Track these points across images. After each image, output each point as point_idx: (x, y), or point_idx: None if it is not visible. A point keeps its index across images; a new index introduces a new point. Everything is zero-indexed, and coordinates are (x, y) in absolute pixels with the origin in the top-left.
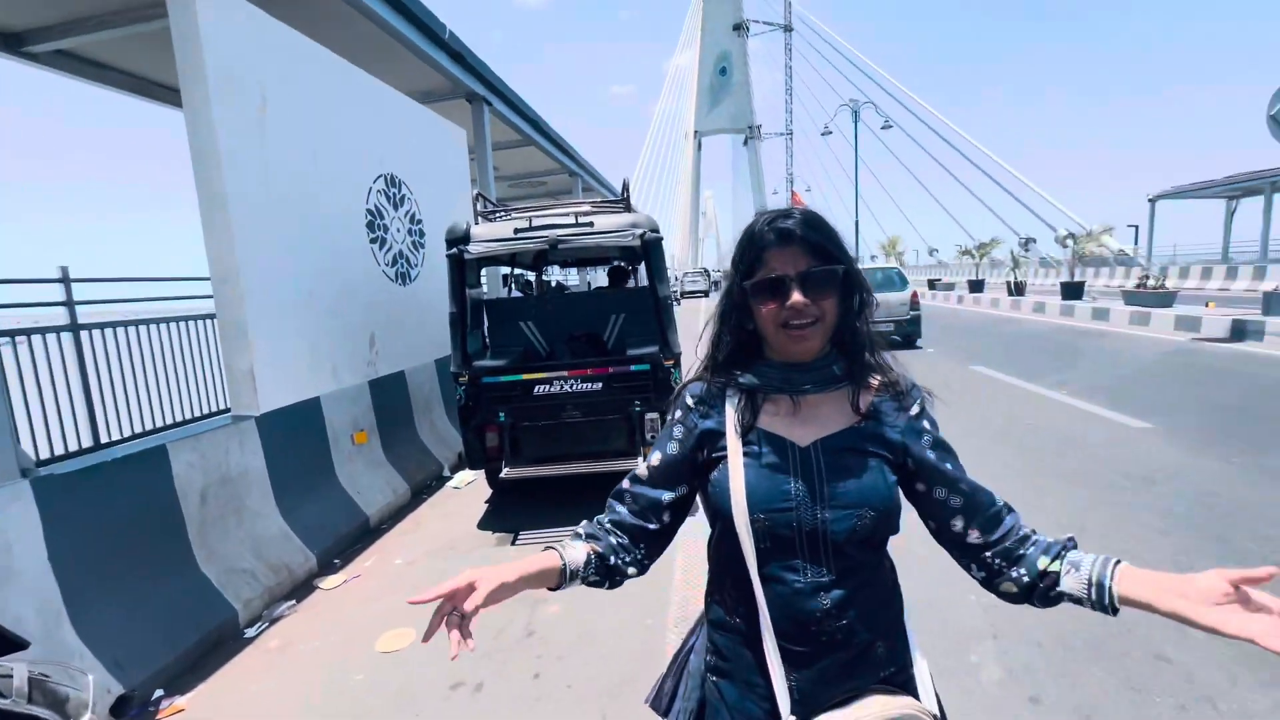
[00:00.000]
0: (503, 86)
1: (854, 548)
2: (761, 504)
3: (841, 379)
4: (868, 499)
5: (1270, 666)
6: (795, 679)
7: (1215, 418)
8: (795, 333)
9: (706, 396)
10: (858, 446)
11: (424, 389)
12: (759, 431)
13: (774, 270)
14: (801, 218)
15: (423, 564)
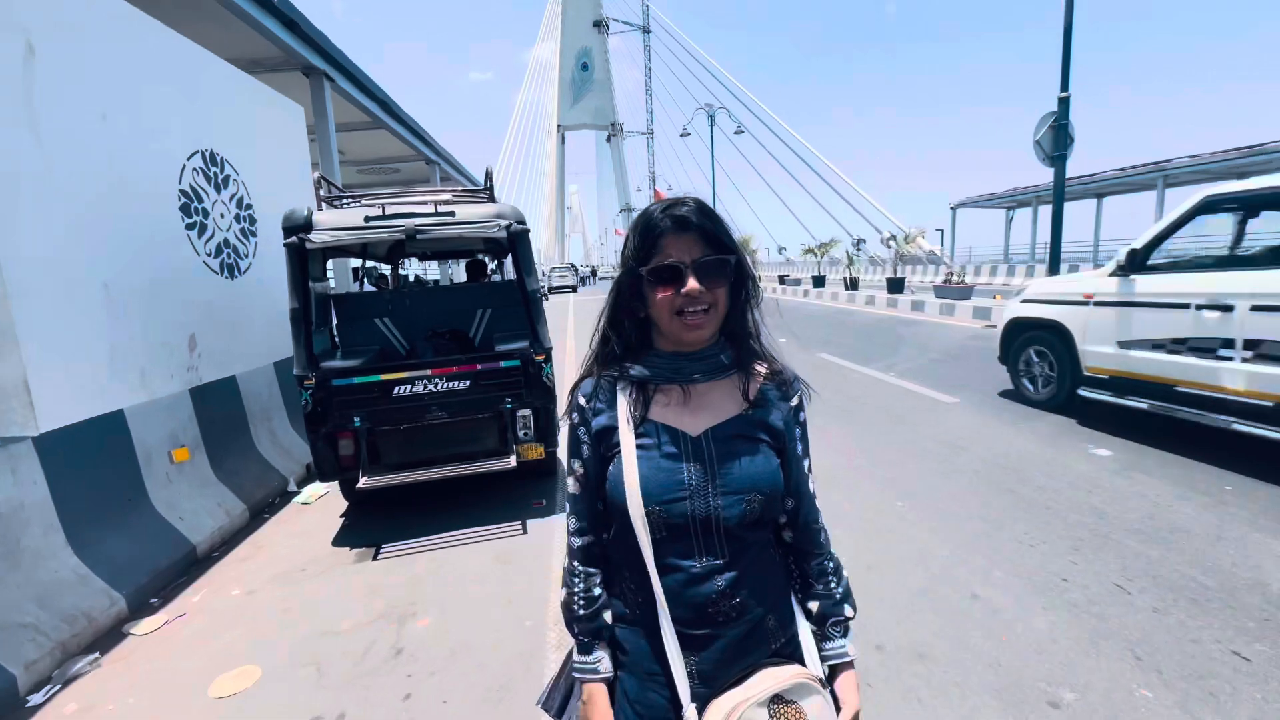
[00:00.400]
0: (346, 61)
1: (744, 530)
2: (656, 495)
3: (729, 367)
4: (756, 483)
5: (1049, 593)
6: (695, 662)
7: (1004, 391)
8: (690, 319)
9: (597, 392)
10: (746, 433)
11: (261, 395)
12: (651, 423)
13: (670, 257)
14: (696, 206)
15: (267, 592)
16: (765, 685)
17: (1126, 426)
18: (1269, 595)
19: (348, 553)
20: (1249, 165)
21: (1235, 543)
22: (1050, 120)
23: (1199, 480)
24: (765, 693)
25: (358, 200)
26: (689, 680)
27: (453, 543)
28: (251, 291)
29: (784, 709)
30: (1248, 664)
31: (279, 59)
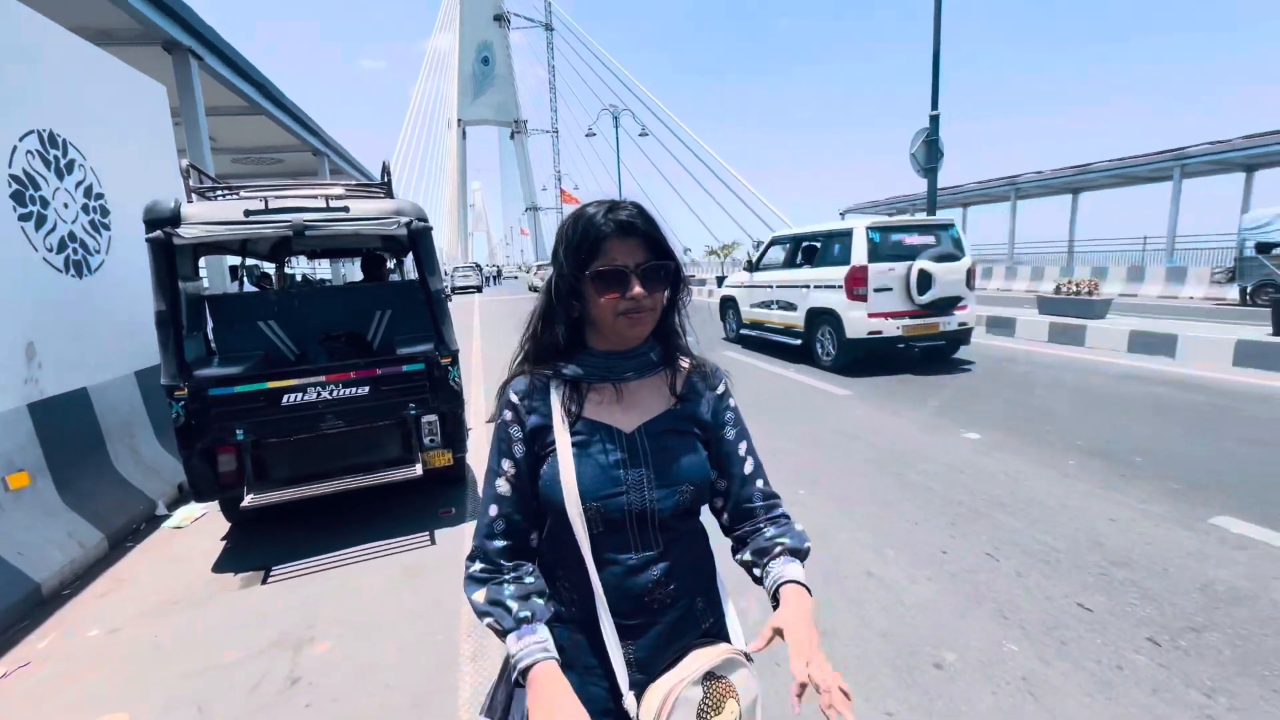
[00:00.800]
0: (215, 37)
1: (677, 520)
2: (593, 492)
3: (658, 364)
4: (688, 476)
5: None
6: (632, 650)
7: (890, 385)
8: (633, 318)
9: (530, 391)
10: (676, 427)
11: (120, 409)
12: (586, 421)
13: (615, 261)
14: (638, 211)
15: (133, 629)
16: (697, 664)
17: (991, 415)
18: (1105, 552)
19: (231, 578)
20: (1080, 181)
21: (1077, 510)
22: (923, 135)
23: (1048, 457)
24: (698, 671)
25: (235, 192)
26: (628, 669)
27: (354, 559)
28: (106, 292)
29: (715, 684)
30: (1090, 614)
31: (134, 31)
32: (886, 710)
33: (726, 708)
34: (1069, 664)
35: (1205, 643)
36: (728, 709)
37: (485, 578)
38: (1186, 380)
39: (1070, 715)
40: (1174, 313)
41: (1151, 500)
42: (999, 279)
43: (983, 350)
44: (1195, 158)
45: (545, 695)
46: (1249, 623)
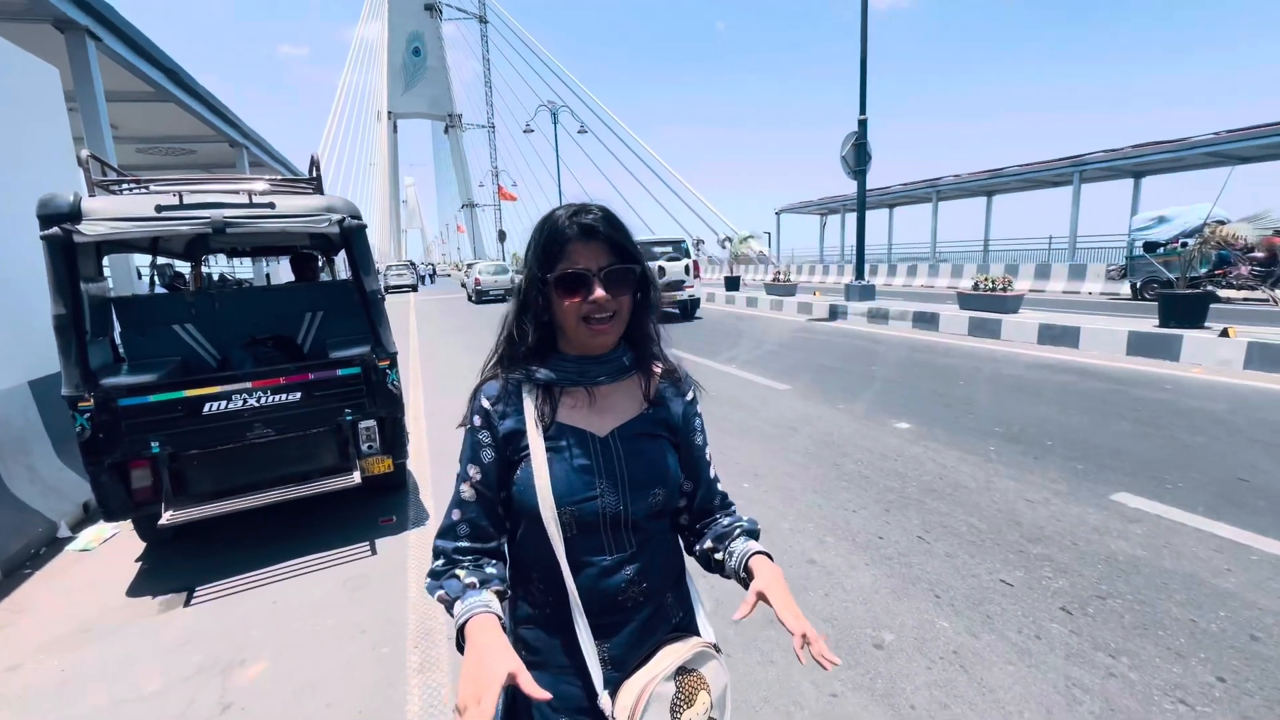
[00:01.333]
0: (115, 16)
1: (649, 521)
2: (567, 496)
3: (630, 369)
4: (660, 479)
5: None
6: (606, 649)
7: (825, 377)
8: (596, 326)
9: (501, 395)
10: (649, 431)
11: (13, 423)
12: (559, 425)
13: (577, 264)
14: (602, 215)
15: (34, 665)
16: (669, 660)
17: (919, 405)
18: (1022, 530)
19: (149, 602)
20: (993, 184)
21: (999, 491)
22: (852, 139)
23: (971, 444)
24: (670, 667)
25: (144, 185)
26: (602, 667)
27: (289, 574)
28: None
29: (687, 678)
30: (1010, 588)
31: (18, 6)
32: (832, 691)
33: (698, 699)
34: (994, 636)
35: (1109, 609)
36: (699, 700)
37: (443, 570)
38: (1088, 369)
39: (996, 683)
40: (1076, 307)
41: (1060, 480)
42: (923, 276)
43: (911, 343)
44: (1092, 164)
45: (476, 644)
46: (1145, 589)
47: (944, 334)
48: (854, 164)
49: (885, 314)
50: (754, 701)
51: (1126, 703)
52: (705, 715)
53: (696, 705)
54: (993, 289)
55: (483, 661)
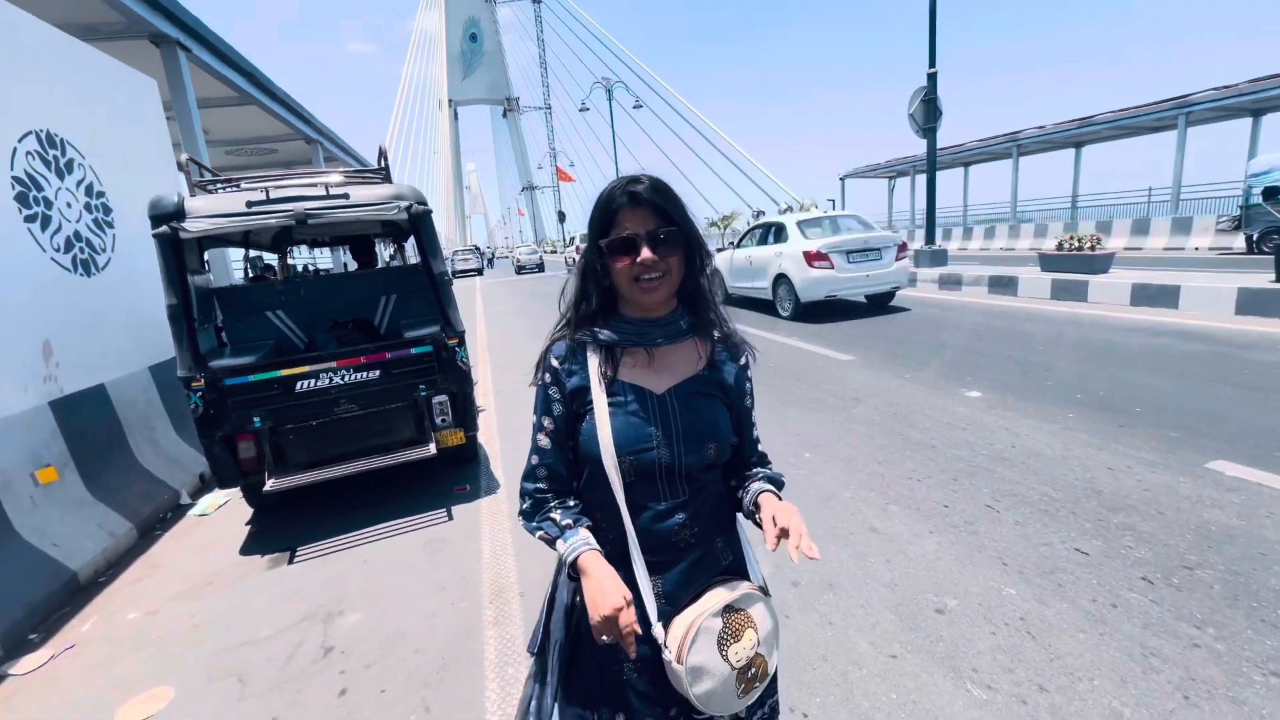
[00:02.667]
0: (202, 28)
1: (701, 473)
2: (627, 447)
3: (688, 332)
4: (712, 434)
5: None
6: (660, 584)
7: (891, 346)
8: (645, 285)
9: (568, 355)
10: (703, 390)
11: (138, 403)
12: (620, 383)
13: (626, 230)
14: (650, 184)
15: (169, 611)
16: (718, 599)
17: (992, 373)
18: (1102, 499)
19: (259, 560)
20: (1082, 134)
21: (1077, 460)
22: (921, 94)
23: (1049, 412)
24: (718, 604)
25: (235, 184)
26: (656, 600)
27: (376, 537)
28: (115, 290)
29: (734, 616)
30: (1086, 557)
31: (118, 25)
32: (891, 653)
33: (745, 636)
34: (1065, 604)
35: (1197, 579)
36: (746, 638)
37: (533, 510)
38: (1188, 330)
39: (1065, 650)
40: (1179, 264)
41: (1149, 448)
42: (1002, 238)
43: (985, 309)
44: (1199, 104)
45: (595, 575)
46: (1240, 560)
47: (1023, 298)
48: (923, 121)
49: (958, 279)
50: (811, 660)
51: (1210, 672)
52: (752, 651)
53: (743, 641)
54: (1079, 248)
55: (606, 588)
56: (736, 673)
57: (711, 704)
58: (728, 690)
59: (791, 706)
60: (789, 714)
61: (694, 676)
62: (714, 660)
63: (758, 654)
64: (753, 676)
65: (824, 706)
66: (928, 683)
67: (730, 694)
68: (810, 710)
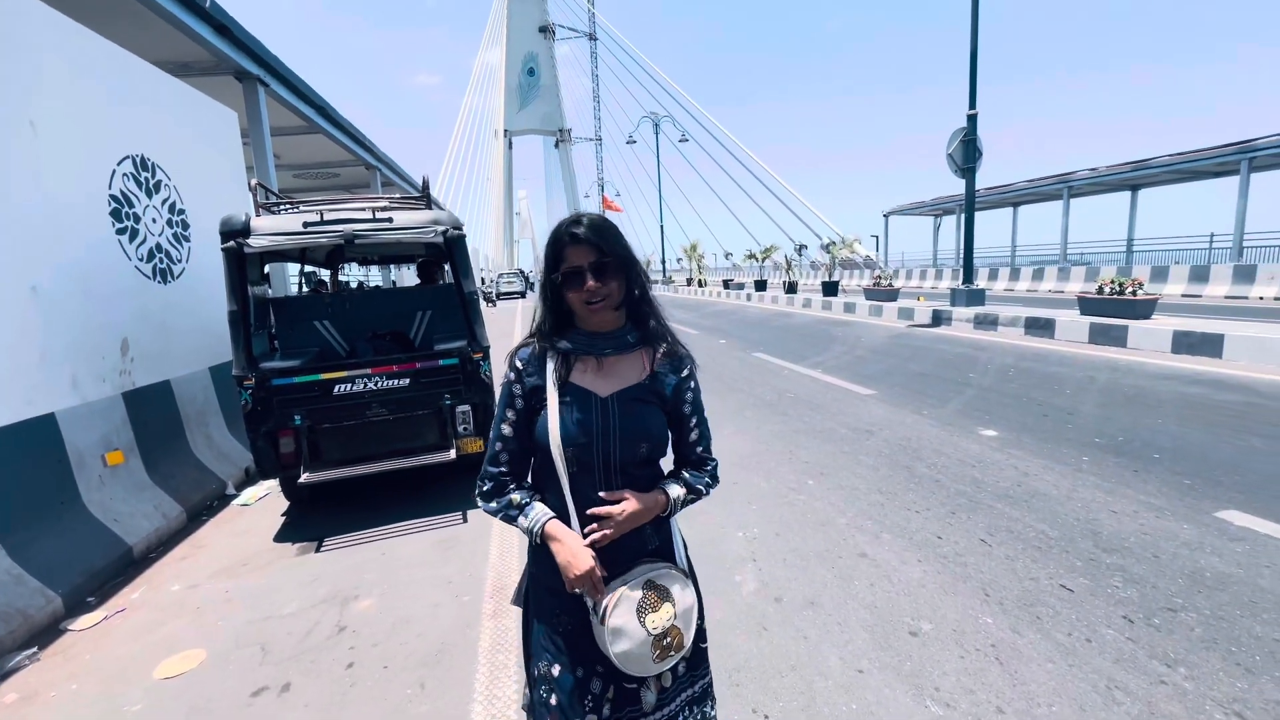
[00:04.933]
0: (280, 66)
1: (635, 468)
2: (571, 440)
3: (635, 345)
4: (646, 435)
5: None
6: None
7: (914, 383)
8: (593, 307)
9: (530, 360)
10: (643, 397)
11: (197, 399)
12: (571, 385)
13: (573, 263)
14: (588, 224)
15: (208, 586)
16: (642, 573)
17: (1012, 413)
18: (1098, 540)
19: (290, 547)
20: (1139, 178)
21: (1081, 502)
22: (961, 135)
23: (1063, 454)
24: (640, 578)
25: (296, 205)
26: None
27: (395, 533)
28: (185, 297)
29: (654, 589)
30: (1070, 594)
31: (210, 63)
32: (859, 668)
33: (663, 609)
34: (1039, 635)
35: (1179, 621)
36: (663, 610)
37: (491, 490)
38: (1225, 380)
39: (1030, 677)
40: (1240, 314)
41: (1159, 494)
42: (1051, 280)
43: (1018, 350)
44: (1263, 149)
45: (565, 541)
46: (1228, 605)
47: (1060, 341)
48: (962, 161)
49: (994, 319)
50: (781, 669)
51: (1172, 708)
52: (669, 622)
53: (660, 613)
54: (1119, 292)
55: (576, 551)
56: (653, 639)
57: (627, 663)
58: (643, 653)
59: (754, 708)
60: (751, 715)
61: (614, 636)
62: (632, 625)
63: (674, 626)
64: (668, 645)
65: (786, 711)
66: (889, 697)
67: (645, 657)
68: (772, 713)
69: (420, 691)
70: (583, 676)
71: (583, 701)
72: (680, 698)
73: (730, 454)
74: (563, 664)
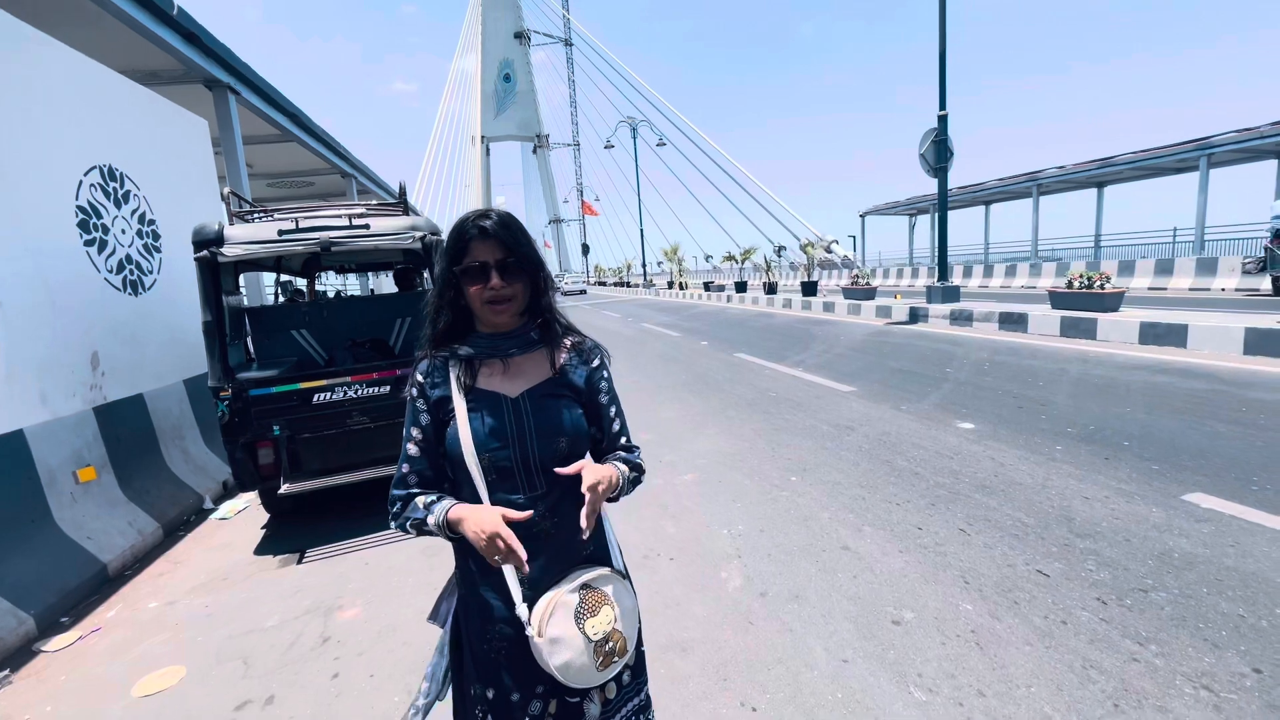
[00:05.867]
0: (251, 74)
1: (557, 465)
2: (485, 446)
3: (538, 342)
4: (563, 430)
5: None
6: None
7: (893, 379)
8: (496, 307)
9: (432, 370)
10: (554, 392)
11: (171, 413)
12: (478, 390)
13: (476, 259)
14: (498, 219)
15: (186, 601)
16: (576, 578)
17: (988, 406)
18: (1072, 526)
19: (271, 560)
20: (1104, 174)
21: (1056, 490)
22: (931, 135)
23: (1037, 444)
24: (575, 582)
25: (270, 214)
26: (520, 587)
27: (378, 542)
28: (158, 309)
29: (591, 593)
30: (1046, 578)
31: (178, 71)
32: (843, 658)
33: (602, 612)
34: (1017, 619)
35: (1149, 601)
36: (603, 614)
37: (400, 509)
38: (1191, 369)
39: (1009, 660)
40: (1203, 305)
41: (1130, 480)
42: (1023, 276)
43: (993, 345)
44: (1221, 146)
45: (470, 514)
46: (1195, 584)
47: (1032, 335)
48: (934, 161)
49: (969, 316)
50: (768, 662)
51: (1144, 684)
52: (609, 626)
53: (600, 616)
54: (1088, 286)
55: (479, 516)
56: (594, 645)
57: (570, 675)
58: (585, 662)
59: (742, 701)
60: (739, 708)
61: (552, 648)
62: (571, 632)
63: (615, 629)
64: (611, 650)
65: (773, 703)
66: (874, 685)
67: (588, 665)
68: (759, 705)
69: (407, 699)
70: (519, 700)
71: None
72: (626, 708)
73: (714, 453)
74: (498, 687)
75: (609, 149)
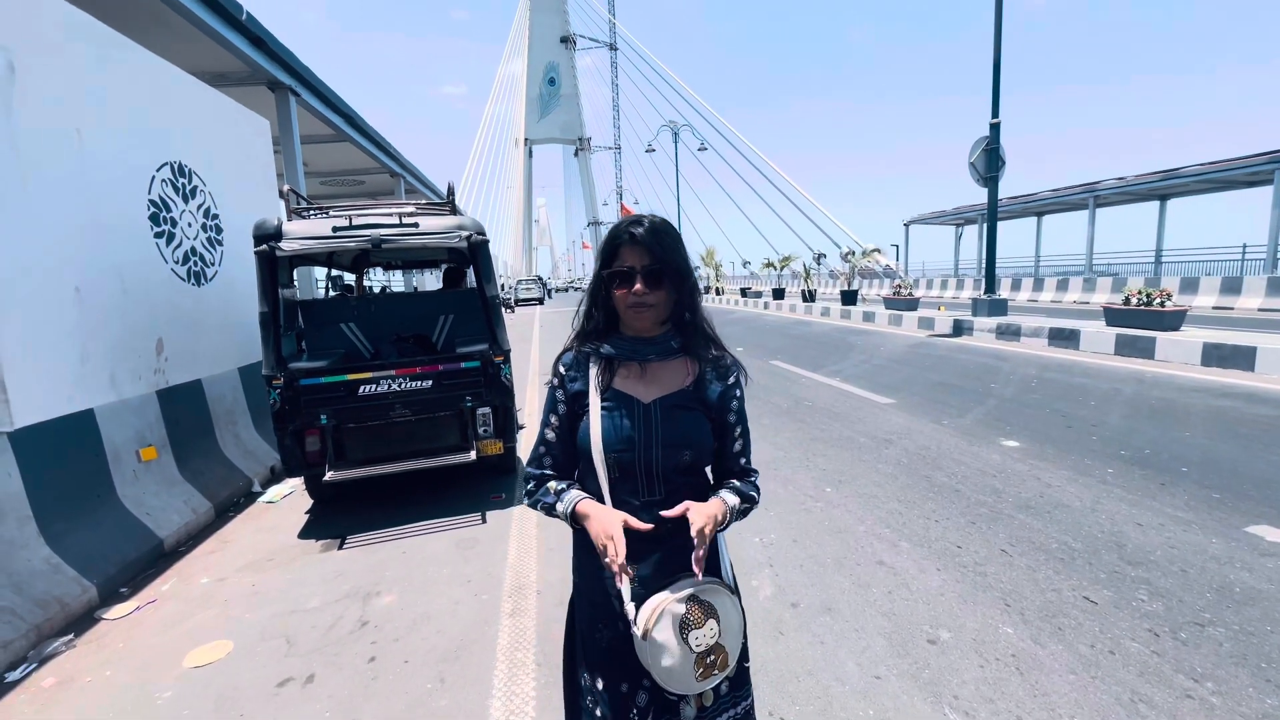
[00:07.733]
0: (311, 76)
1: (677, 475)
2: (612, 446)
3: (678, 351)
4: (689, 442)
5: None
6: (636, 569)
7: (934, 392)
8: (637, 311)
9: (574, 364)
10: (686, 404)
11: (226, 399)
12: (614, 391)
13: (624, 263)
14: (649, 226)
15: (235, 579)
16: (685, 587)
17: (1035, 424)
18: (1123, 553)
19: (314, 544)
20: (1167, 187)
21: (1105, 514)
22: (983, 144)
23: (1086, 465)
24: (684, 592)
25: (325, 211)
26: (630, 585)
27: (416, 533)
28: (218, 299)
29: (698, 605)
30: (1094, 605)
31: (244, 73)
32: (876, 674)
33: (707, 625)
34: (1061, 646)
35: (1206, 636)
36: (708, 626)
37: (534, 489)
38: (1258, 393)
39: (1052, 688)
40: (1274, 327)
41: (1187, 508)
42: (1076, 291)
43: (1041, 361)
44: None
45: (594, 515)
46: (1259, 621)
47: (1084, 352)
48: (984, 170)
49: (1017, 330)
50: (798, 673)
51: None
52: (713, 639)
53: (704, 629)
54: (1147, 303)
55: (604, 518)
56: (696, 656)
57: (670, 681)
58: (686, 671)
59: (770, 711)
60: (767, 717)
61: (656, 653)
62: (674, 641)
63: (718, 643)
64: (712, 663)
65: (802, 715)
66: (906, 704)
67: (688, 674)
68: (788, 716)
69: (440, 685)
70: (627, 691)
71: (628, 715)
72: (721, 718)
73: None
74: (607, 677)
75: (650, 153)
